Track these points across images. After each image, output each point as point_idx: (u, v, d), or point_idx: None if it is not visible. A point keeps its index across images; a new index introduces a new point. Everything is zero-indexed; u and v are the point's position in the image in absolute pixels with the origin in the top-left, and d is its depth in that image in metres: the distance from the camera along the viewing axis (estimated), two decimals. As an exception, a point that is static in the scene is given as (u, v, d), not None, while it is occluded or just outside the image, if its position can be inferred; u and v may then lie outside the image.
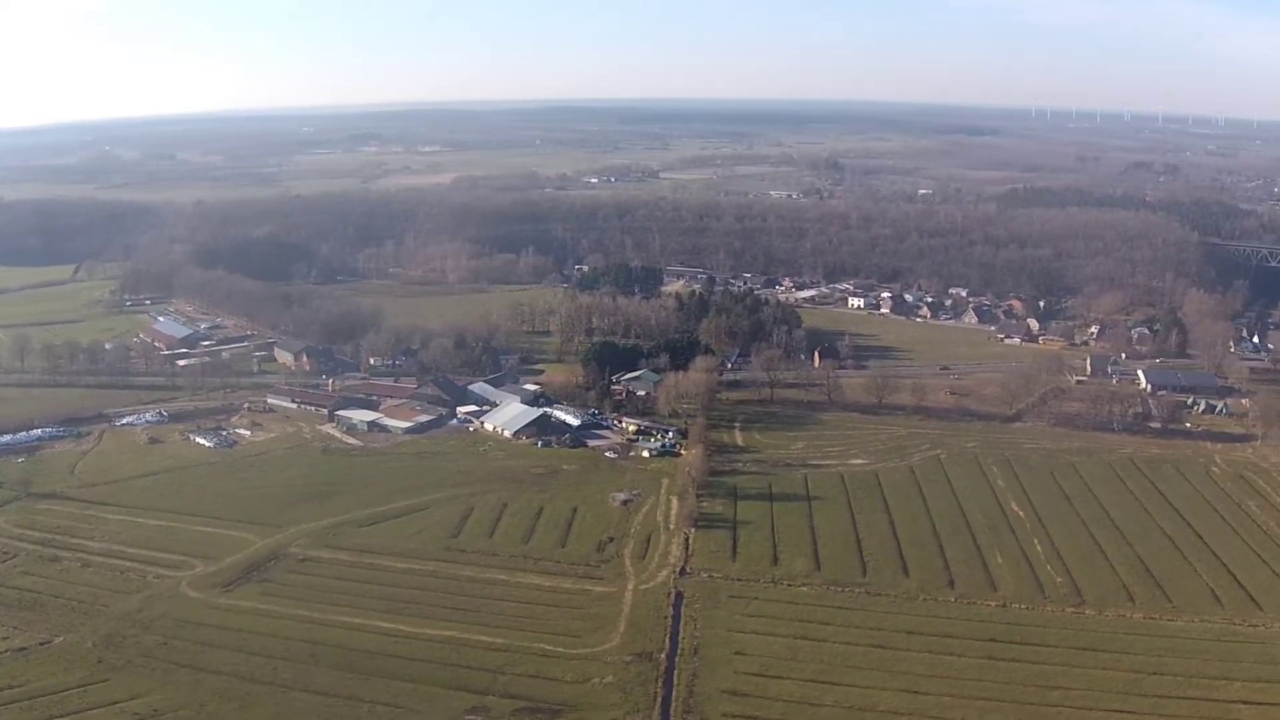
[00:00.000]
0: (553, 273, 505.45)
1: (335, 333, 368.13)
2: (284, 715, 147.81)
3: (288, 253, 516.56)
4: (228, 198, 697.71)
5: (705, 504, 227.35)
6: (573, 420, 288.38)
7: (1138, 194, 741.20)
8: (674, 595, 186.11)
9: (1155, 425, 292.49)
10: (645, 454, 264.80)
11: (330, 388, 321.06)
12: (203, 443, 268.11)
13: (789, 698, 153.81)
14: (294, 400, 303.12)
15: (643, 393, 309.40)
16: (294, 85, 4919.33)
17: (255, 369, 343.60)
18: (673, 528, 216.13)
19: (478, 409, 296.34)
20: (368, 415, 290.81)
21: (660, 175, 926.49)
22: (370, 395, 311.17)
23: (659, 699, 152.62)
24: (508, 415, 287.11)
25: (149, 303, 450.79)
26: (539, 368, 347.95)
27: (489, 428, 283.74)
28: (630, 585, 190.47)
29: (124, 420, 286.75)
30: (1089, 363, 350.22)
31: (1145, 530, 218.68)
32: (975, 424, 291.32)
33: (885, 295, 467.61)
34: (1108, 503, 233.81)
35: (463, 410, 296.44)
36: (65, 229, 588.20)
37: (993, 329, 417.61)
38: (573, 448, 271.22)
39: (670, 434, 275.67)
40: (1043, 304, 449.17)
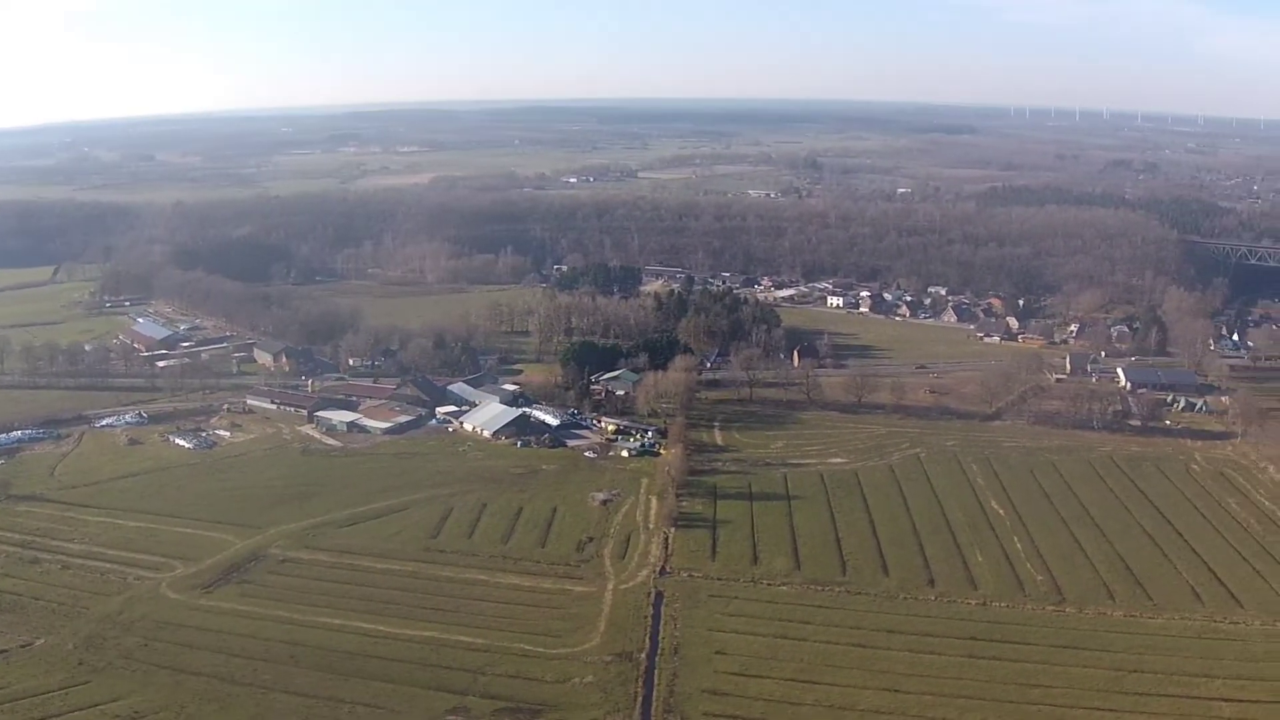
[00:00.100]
0: (531, 273, 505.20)
1: (314, 333, 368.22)
2: (264, 716, 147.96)
3: (267, 253, 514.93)
4: (207, 199, 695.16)
5: (685, 503, 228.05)
6: (552, 420, 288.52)
7: (1117, 192, 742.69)
8: (654, 595, 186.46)
9: (1135, 423, 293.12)
10: (625, 453, 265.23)
11: (309, 388, 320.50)
12: (182, 444, 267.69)
13: (769, 697, 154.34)
14: (273, 401, 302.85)
15: (622, 392, 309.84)
16: (273, 86, 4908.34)
17: (234, 370, 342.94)
18: (652, 527, 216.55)
19: (457, 409, 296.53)
20: (347, 416, 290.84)
21: (639, 175, 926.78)
22: (349, 396, 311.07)
23: (639, 699, 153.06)
24: (487, 415, 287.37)
25: (128, 304, 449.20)
26: (518, 368, 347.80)
27: (468, 428, 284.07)
28: (610, 585, 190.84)
29: (104, 422, 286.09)
30: (1068, 361, 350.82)
31: (1125, 528, 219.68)
32: (955, 422, 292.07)
33: (864, 294, 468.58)
34: (1088, 501, 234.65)
35: (442, 410, 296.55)
36: (44, 230, 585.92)
37: (972, 327, 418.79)
38: (552, 448, 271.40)
39: (649, 433, 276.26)
40: (1022, 302, 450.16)
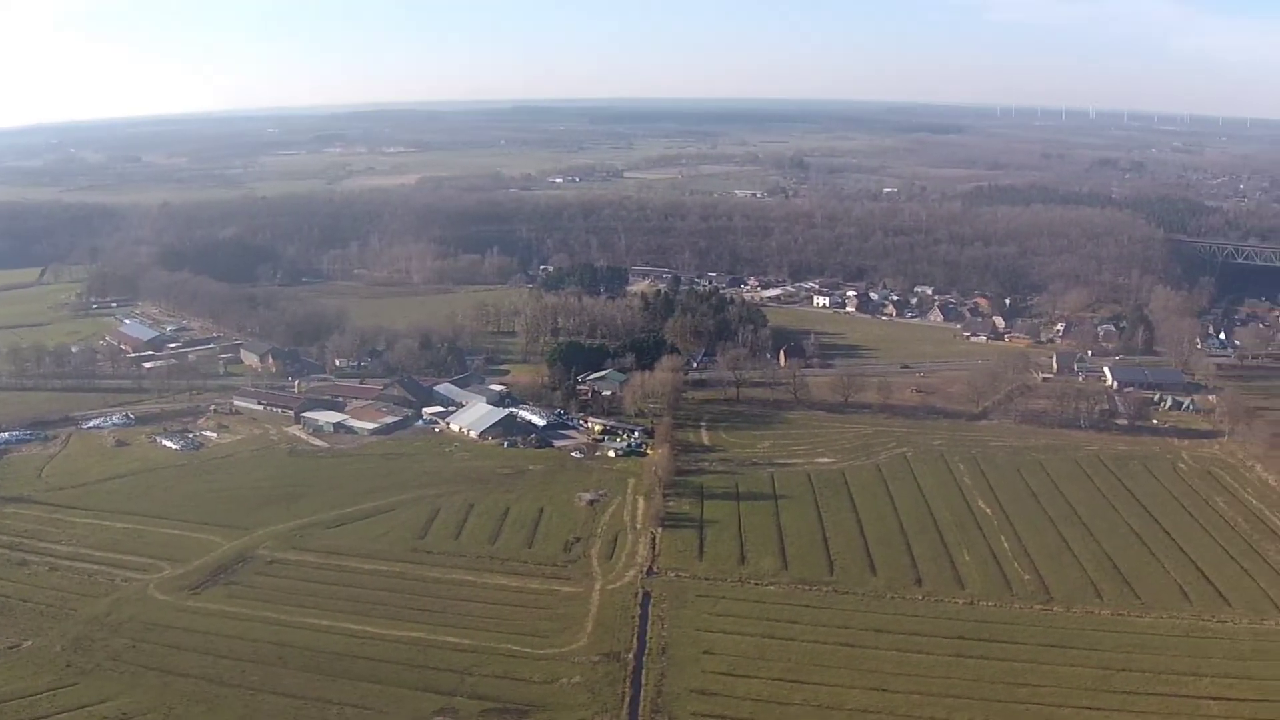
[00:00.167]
0: (518, 273, 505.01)
1: (301, 334, 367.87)
2: (252, 718, 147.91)
3: (253, 254, 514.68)
4: (193, 200, 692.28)
5: (672, 503, 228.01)
6: (539, 420, 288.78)
7: (1103, 191, 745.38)
8: (641, 595, 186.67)
9: (1122, 422, 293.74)
10: (611, 454, 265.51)
11: (296, 389, 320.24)
12: (169, 445, 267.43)
13: (757, 697, 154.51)
14: (260, 402, 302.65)
15: (608, 392, 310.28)
16: (259, 87, 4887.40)
17: (221, 371, 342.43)
18: (639, 527, 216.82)
19: (443, 410, 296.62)
20: (334, 417, 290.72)
21: (625, 175, 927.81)
22: (336, 396, 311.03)
23: (627, 699, 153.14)
24: (473, 416, 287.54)
25: (115, 305, 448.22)
26: (505, 368, 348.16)
27: (455, 428, 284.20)
28: (597, 585, 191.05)
29: (91, 423, 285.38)
30: (1055, 360, 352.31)
31: (1112, 527, 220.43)
32: (942, 422, 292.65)
33: (850, 294, 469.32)
34: (1075, 500, 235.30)
35: (428, 411, 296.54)
36: (31, 232, 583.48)
37: (958, 327, 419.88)
38: (539, 448, 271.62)
39: (636, 433, 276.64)
40: (1008, 301, 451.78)
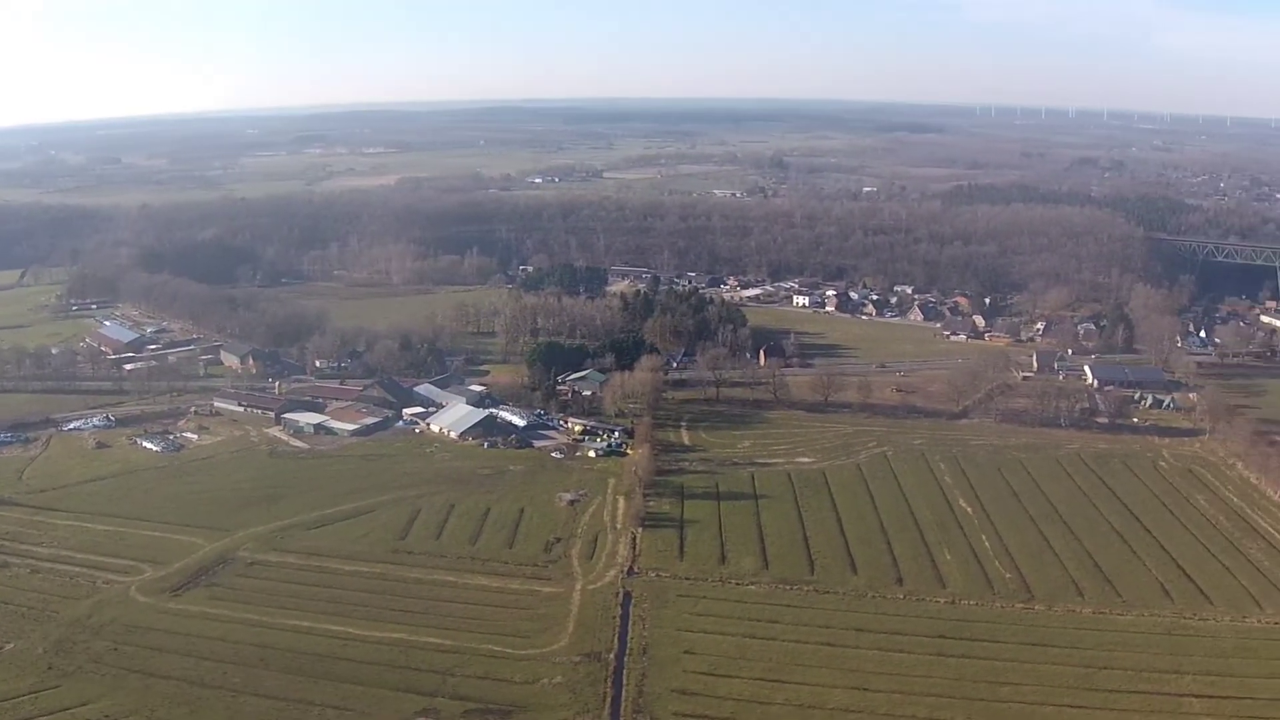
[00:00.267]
0: (497, 273, 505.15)
1: (281, 335, 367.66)
2: None
3: (233, 256, 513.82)
4: (173, 201, 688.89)
5: (652, 503, 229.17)
6: (519, 421, 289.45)
7: (1083, 190, 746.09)
8: (622, 595, 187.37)
9: (1102, 420, 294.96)
10: (591, 454, 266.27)
11: (276, 390, 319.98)
12: (150, 447, 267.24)
13: (738, 696, 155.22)
14: (240, 403, 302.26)
15: (588, 393, 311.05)
16: (239, 87, 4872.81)
17: (201, 372, 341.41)
18: (620, 527, 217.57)
19: (424, 410, 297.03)
20: (314, 418, 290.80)
21: (604, 175, 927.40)
22: (316, 398, 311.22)
23: (608, 699, 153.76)
24: (454, 416, 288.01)
25: (95, 307, 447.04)
26: (484, 369, 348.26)
27: (435, 429, 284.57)
28: (578, 585, 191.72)
29: (71, 425, 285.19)
30: (1035, 359, 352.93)
31: (1093, 525, 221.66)
32: (922, 421, 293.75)
33: (830, 293, 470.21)
34: (1055, 498, 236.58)
35: (409, 412, 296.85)
36: (11, 234, 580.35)
37: (938, 326, 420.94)
38: (519, 448, 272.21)
39: (616, 434, 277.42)
40: (988, 300, 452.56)
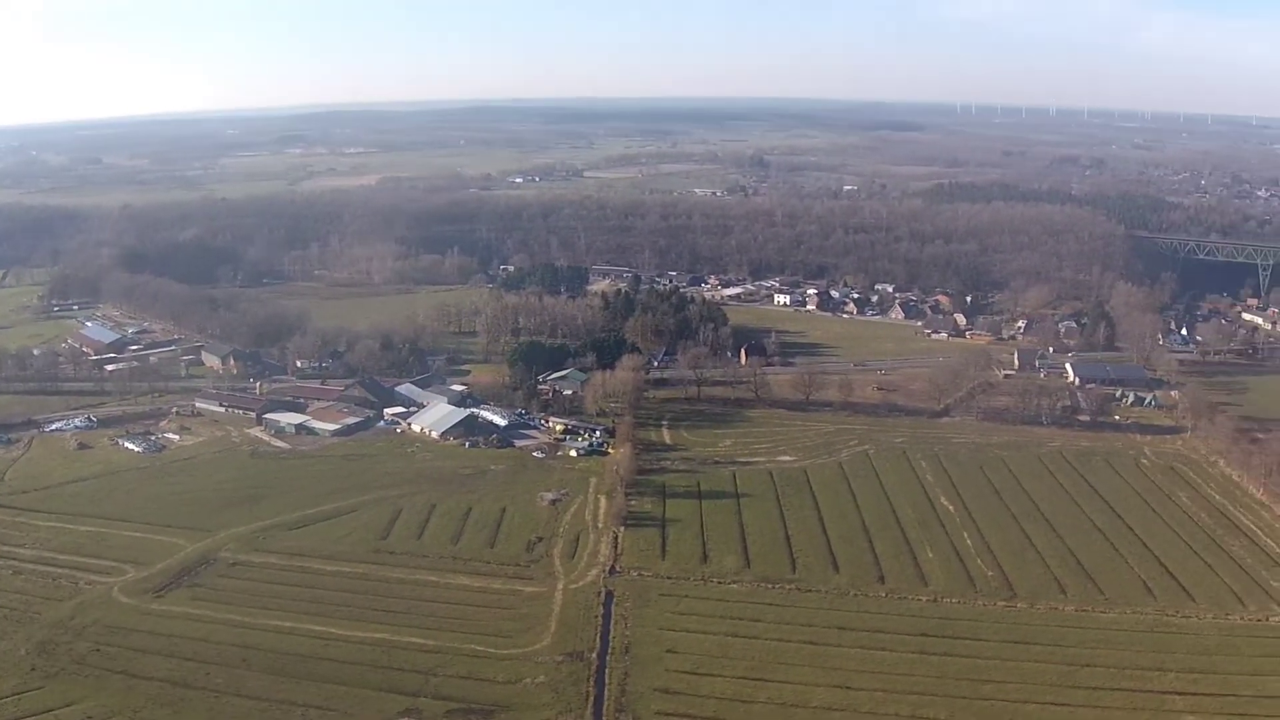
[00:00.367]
0: (478, 273, 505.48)
1: (262, 336, 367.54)
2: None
3: (214, 256, 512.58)
4: (154, 201, 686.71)
5: (634, 502, 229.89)
6: (500, 420, 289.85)
7: (1064, 188, 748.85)
8: (604, 594, 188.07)
9: (1084, 418, 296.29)
10: (573, 453, 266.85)
11: (258, 391, 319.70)
12: (132, 448, 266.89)
13: (721, 695, 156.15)
14: (222, 404, 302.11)
15: (570, 392, 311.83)
16: (219, 88, 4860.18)
17: (183, 373, 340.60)
18: (601, 527, 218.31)
19: (405, 410, 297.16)
20: (295, 418, 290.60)
21: (585, 174, 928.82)
22: (298, 398, 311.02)
23: (591, 698, 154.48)
24: (435, 416, 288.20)
25: (77, 308, 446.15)
26: (466, 368, 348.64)
27: (416, 429, 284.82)
28: (560, 585, 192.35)
29: (53, 426, 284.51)
30: (1016, 357, 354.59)
31: (1076, 523, 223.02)
32: (903, 419, 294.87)
33: (811, 292, 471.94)
34: (1037, 496, 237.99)
35: (390, 412, 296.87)
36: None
37: (919, 324, 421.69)
38: (500, 448, 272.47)
39: (598, 433, 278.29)
40: (969, 299, 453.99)
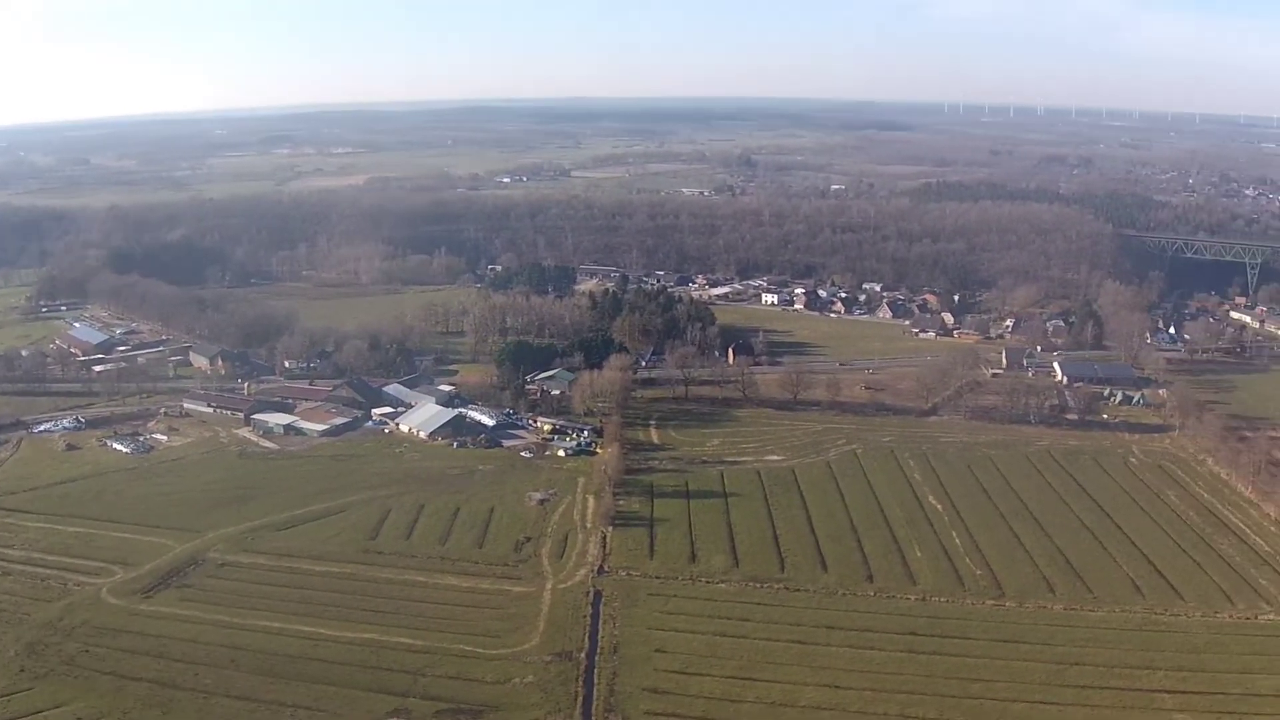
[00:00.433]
0: (466, 273, 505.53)
1: (250, 336, 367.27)
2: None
3: (202, 256, 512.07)
4: (142, 202, 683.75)
5: (622, 502, 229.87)
6: (488, 420, 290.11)
7: (1051, 187, 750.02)
8: (593, 594, 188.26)
9: (1072, 417, 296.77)
10: (561, 453, 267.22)
11: (246, 391, 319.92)
12: (120, 448, 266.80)
13: (710, 695, 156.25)
14: (210, 404, 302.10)
15: (557, 392, 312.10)
16: (206, 88, 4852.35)
17: (171, 374, 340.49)
18: (590, 526, 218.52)
19: (393, 410, 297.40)
20: (283, 418, 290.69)
21: (572, 174, 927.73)
22: (286, 398, 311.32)
23: (580, 698, 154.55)
24: (423, 416, 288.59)
25: (64, 309, 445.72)
26: (454, 368, 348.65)
27: (404, 429, 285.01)
28: (549, 585, 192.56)
29: (41, 427, 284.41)
30: (1004, 356, 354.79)
31: (1064, 522, 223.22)
32: (891, 418, 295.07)
33: (799, 291, 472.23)
34: (1026, 495, 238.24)
35: (378, 412, 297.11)
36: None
37: (907, 323, 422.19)
38: (488, 448, 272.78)
39: (586, 433, 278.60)
40: (957, 298, 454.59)
